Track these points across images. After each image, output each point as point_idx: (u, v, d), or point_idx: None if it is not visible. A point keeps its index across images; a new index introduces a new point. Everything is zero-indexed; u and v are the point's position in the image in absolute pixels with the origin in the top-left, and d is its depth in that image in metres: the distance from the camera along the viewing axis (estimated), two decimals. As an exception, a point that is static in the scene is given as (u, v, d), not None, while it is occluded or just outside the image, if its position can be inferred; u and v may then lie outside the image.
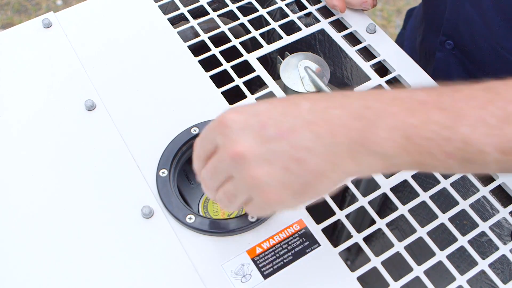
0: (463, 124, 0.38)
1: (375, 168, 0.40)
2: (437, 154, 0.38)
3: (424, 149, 0.38)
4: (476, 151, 0.38)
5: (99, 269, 0.52)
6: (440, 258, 0.53)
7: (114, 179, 0.57)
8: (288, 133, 0.39)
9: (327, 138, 0.39)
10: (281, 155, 0.39)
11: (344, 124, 0.39)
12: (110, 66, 0.67)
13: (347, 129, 0.39)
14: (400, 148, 0.38)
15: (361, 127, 0.39)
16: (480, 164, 0.39)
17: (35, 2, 1.95)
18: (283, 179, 0.40)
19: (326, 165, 0.39)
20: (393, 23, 1.90)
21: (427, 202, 0.56)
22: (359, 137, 0.39)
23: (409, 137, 0.38)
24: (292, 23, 0.73)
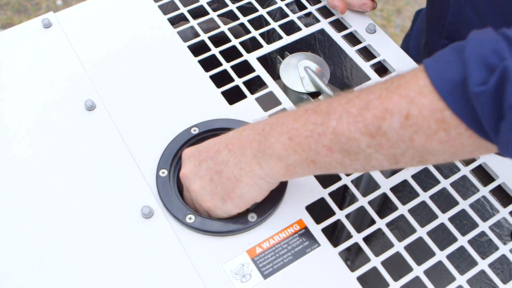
0: (331, 119, 0.44)
1: (277, 170, 0.48)
2: (319, 149, 0.45)
3: (306, 146, 0.46)
4: (347, 139, 0.43)
5: (99, 269, 0.52)
6: (440, 258, 0.53)
7: (114, 179, 0.57)
8: (213, 154, 0.52)
9: (237, 151, 0.50)
10: (208, 171, 0.52)
11: (249, 139, 0.50)
12: (110, 66, 0.67)
13: (250, 142, 0.50)
14: (288, 148, 0.47)
15: (260, 139, 0.49)
16: (361, 153, 0.43)
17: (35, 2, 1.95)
18: (210, 188, 0.52)
19: (238, 171, 0.50)
20: (393, 23, 1.89)
21: (427, 202, 0.56)
22: (259, 146, 0.49)
23: (292, 138, 0.46)
24: (292, 23, 0.73)
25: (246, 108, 0.63)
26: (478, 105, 0.36)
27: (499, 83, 0.35)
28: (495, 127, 0.36)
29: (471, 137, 0.38)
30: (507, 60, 0.35)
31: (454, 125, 0.38)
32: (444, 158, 0.41)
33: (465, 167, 0.59)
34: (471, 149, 0.40)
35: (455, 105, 0.37)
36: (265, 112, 0.62)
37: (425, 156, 0.41)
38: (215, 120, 0.61)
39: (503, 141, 0.36)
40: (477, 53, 0.36)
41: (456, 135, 0.39)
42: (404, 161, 0.42)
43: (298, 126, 0.47)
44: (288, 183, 0.56)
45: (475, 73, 0.36)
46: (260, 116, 0.62)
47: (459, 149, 0.40)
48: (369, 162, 0.44)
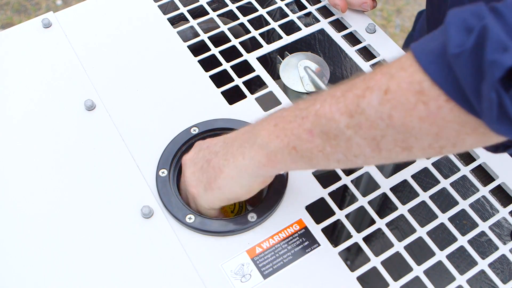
0: (316, 103, 0.43)
1: (258, 158, 0.47)
2: (300, 133, 0.44)
3: (289, 132, 0.45)
4: (327, 120, 0.42)
5: (99, 269, 0.52)
6: (440, 258, 0.53)
7: (114, 179, 0.57)
8: (212, 144, 0.53)
9: (229, 143, 0.51)
10: (202, 159, 0.53)
11: (243, 131, 0.50)
12: (109, 66, 0.67)
13: (243, 133, 0.50)
14: (271, 134, 0.46)
15: (251, 129, 0.49)
16: (340, 136, 0.42)
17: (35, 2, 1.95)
18: (198, 176, 0.52)
19: (223, 162, 0.50)
20: (393, 23, 1.89)
21: (427, 202, 0.56)
22: (247, 136, 0.49)
23: (277, 124, 0.46)
24: (291, 23, 0.73)
25: (246, 108, 0.63)
26: (458, 68, 0.34)
27: (477, 42, 0.33)
28: (477, 91, 0.34)
29: (453, 110, 0.36)
30: (486, 19, 0.33)
31: (434, 96, 0.36)
32: (429, 143, 0.38)
33: (465, 167, 0.59)
34: (456, 128, 0.37)
35: (435, 73, 0.35)
36: (265, 112, 0.62)
37: (408, 140, 0.39)
38: (215, 120, 0.61)
39: (486, 108, 0.33)
40: (457, 18, 0.35)
41: (436, 109, 0.36)
42: (387, 148, 0.40)
43: (285, 114, 0.46)
44: (288, 183, 0.56)
45: (454, 36, 0.34)
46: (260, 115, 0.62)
47: (442, 128, 0.37)
48: (351, 149, 0.42)
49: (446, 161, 0.61)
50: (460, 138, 0.37)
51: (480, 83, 0.33)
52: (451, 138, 0.38)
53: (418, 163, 0.59)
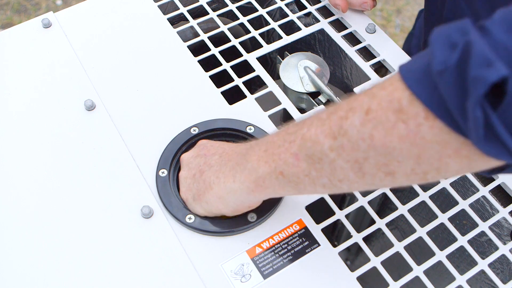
0: (304, 127, 0.43)
1: (247, 184, 0.48)
2: (287, 157, 0.44)
3: (277, 157, 0.45)
4: (312, 143, 0.42)
5: (99, 269, 0.52)
6: (440, 258, 0.53)
7: (113, 179, 0.57)
8: (209, 153, 0.54)
9: (224, 160, 0.51)
10: (196, 166, 0.54)
11: (238, 151, 0.51)
12: (109, 66, 0.67)
13: (238, 154, 0.50)
14: (260, 159, 0.47)
15: (245, 152, 0.49)
16: (324, 158, 0.41)
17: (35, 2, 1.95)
18: (189, 183, 0.54)
19: (214, 179, 0.51)
20: (393, 23, 1.89)
21: (427, 202, 0.56)
22: (241, 159, 0.49)
23: (267, 150, 0.46)
24: (291, 23, 0.73)
25: (246, 108, 0.63)
26: (442, 85, 0.33)
27: (461, 58, 0.32)
28: (462, 109, 0.32)
29: (433, 128, 0.34)
30: (470, 34, 0.32)
31: (413, 114, 0.35)
32: (411, 168, 0.37)
33: (465, 167, 0.59)
34: (437, 149, 0.35)
35: (419, 91, 0.34)
36: (265, 112, 0.62)
37: (390, 163, 0.38)
38: (215, 120, 0.61)
39: (472, 127, 0.32)
40: (442, 34, 0.34)
41: (415, 127, 0.35)
42: (370, 172, 0.39)
43: (275, 138, 0.46)
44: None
45: (438, 53, 0.33)
46: (261, 117, 0.62)
47: (422, 149, 0.35)
48: (335, 173, 0.41)
49: (446, 161, 0.60)
50: (443, 162, 0.36)
51: (465, 101, 0.32)
52: (434, 161, 0.36)
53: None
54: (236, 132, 0.60)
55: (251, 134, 0.60)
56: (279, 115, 0.70)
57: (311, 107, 0.65)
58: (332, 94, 0.65)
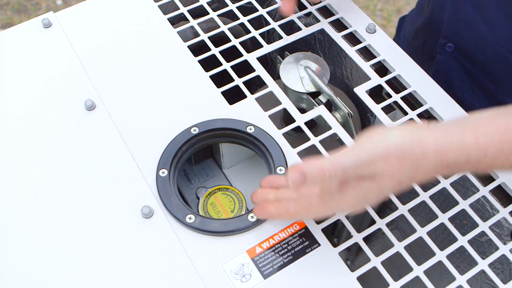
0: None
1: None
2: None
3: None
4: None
5: (99, 269, 0.52)
6: (440, 258, 0.52)
7: (114, 179, 0.57)
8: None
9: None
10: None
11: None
12: (110, 66, 0.67)
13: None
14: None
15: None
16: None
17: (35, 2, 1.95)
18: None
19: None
20: (393, 23, 1.89)
21: (427, 202, 0.56)
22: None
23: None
24: (292, 23, 0.73)
25: (246, 108, 0.63)
26: None
27: None
28: None
29: None
30: None
31: None
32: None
33: (465, 167, 0.59)
34: None
35: None
36: (265, 112, 0.62)
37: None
38: (215, 120, 0.61)
39: None
40: None
41: None
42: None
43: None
44: (288, 183, 0.56)
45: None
46: (261, 116, 0.62)
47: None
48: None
49: (446, 161, 0.60)
50: None
51: None
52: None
53: (418, 163, 0.59)
54: (236, 132, 0.60)
55: (251, 134, 0.60)
56: (279, 115, 0.70)
57: (311, 107, 0.65)
58: (332, 94, 0.65)
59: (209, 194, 0.64)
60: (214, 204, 0.63)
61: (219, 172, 0.70)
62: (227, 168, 0.70)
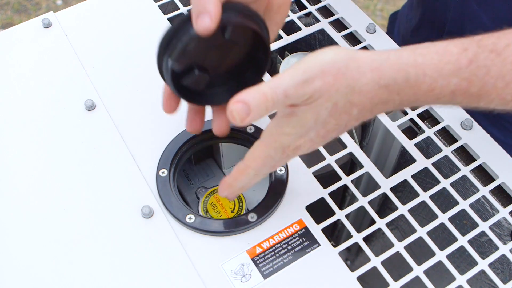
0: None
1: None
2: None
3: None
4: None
5: (99, 269, 0.52)
6: (440, 258, 0.53)
7: (114, 179, 0.57)
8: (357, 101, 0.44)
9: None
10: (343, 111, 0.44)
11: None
12: (110, 66, 0.67)
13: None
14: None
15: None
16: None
17: (35, 2, 1.95)
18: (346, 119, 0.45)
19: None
20: (393, 23, 1.89)
21: (427, 202, 0.56)
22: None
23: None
24: (292, 22, 0.73)
25: (246, 108, 0.63)
26: None
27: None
28: None
29: None
30: None
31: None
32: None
33: (465, 167, 0.59)
34: None
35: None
36: None
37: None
38: (215, 120, 0.61)
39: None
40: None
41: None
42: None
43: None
44: (288, 183, 0.56)
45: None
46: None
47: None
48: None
49: (446, 161, 0.61)
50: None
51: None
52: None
53: (418, 163, 0.59)
54: (236, 132, 0.60)
55: (251, 134, 0.60)
56: (279, 115, 0.70)
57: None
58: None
59: (209, 194, 0.64)
60: (214, 204, 0.63)
61: (219, 172, 0.70)
62: (227, 168, 0.70)
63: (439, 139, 0.61)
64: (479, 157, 0.59)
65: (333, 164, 0.59)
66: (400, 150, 0.68)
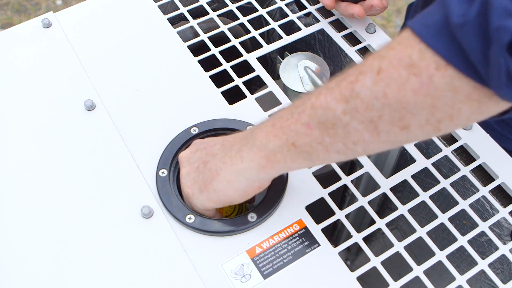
0: (311, 97, 0.44)
1: (257, 160, 0.48)
2: (298, 128, 0.45)
3: (287, 129, 0.45)
4: (323, 110, 0.43)
5: (99, 269, 0.52)
6: (440, 258, 0.53)
7: (113, 179, 0.57)
8: (209, 146, 0.53)
9: (228, 146, 0.51)
10: (198, 160, 0.53)
11: (242, 136, 0.51)
12: (109, 66, 0.67)
13: (241, 138, 0.50)
14: (269, 134, 0.47)
15: (249, 133, 0.50)
16: (338, 123, 0.42)
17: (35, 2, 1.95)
18: (194, 176, 0.53)
19: (220, 164, 0.50)
20: (393, 23, 1.89)
21: (427, 202, 0.56)
22: (246, 140, 0.49)
23: (275, 124, 0.47)
24: (291, 23, 0.73)
25: (246, 108, 0.63)
26: (463, 37, 0.34)
27: (481, 10, 0.33)
28: (484, 58, 0.34)
29: (444, 77, 0.36)
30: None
31: (424, 66, 0.36)
32: (426, 118, 0.39)
33: (465, 167, 0.59)
34: (449, 96, 0.37)
35: (436, 44, 0.36)
36: (265, 112, 0.62)
37: (405, 117, 0.39)
38: (215, 120, 0.61)
39: (494, 74, 0.34)
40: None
41: (427, 79, 0.36)
42: (385, 129, 0.40)
43: (282, 113, 0.47)
44: (288, 183, 0.56)
45: (455, 7, 0.34)
46: (261, 117, 0.62)
47: (436, 98, 0.37)
48: (349, 136, 0.42)
49: (446, 161, 0.61)
50: (455, 108, 0.37)
51: (487, 50, 0.34)
52: (447, 109, 0.38)
53: (418, 163, 0.59)
54: (236, 132, 0.60)
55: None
56: (279, 115, 0.70)
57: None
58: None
59: None
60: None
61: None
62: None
63: (439, 139, 0.61)
64: (479, 157, 0.59)
65: (333, 164, 0.59)
66: (400, 150, 0.68)
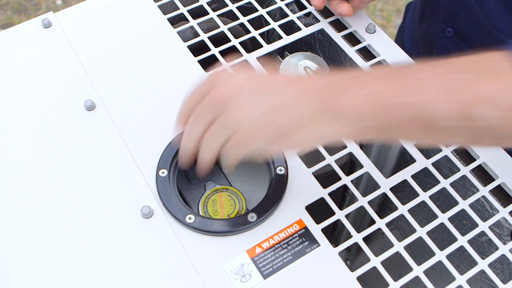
0: (422, 91, 0.41)
1: (340, 133, 0.43)
2: (399, 120, 0.41)
3: (387, 115, 0.41)
4: (435, 118, 0.40)
5: (98, 269, 0.52)
6: (440, 258, 0.53)
7: (113, 179, 0.57)
8: (271, 90, 0.45)
9: (317, 98, 0.44)
10: (258, 103, 0.45)
11: (321, 89, 0.44)
12: (109, 66, 0.67)
13: (321, 92, 0.44)
14: (364, 112, 0.42)
15: (331, 94, 0.43)
16: (446, 131, 0.41)
17: (35, 2, 1.95)
18: (262, 122, 0.45)
19: (298, 122, 0.44)
20: (393, 23, 1.90)
21: (427, 202, 0.56)
22: (328, 101, 0.43)
23: (372, 102, 0.42)
24: (291, 23, 0.73)
25: (246, 108, 0.63)
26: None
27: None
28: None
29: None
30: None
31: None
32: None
33: (465, 167, 0.59)
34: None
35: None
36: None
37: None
38: (215, 120, 0.61)
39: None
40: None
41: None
42: (485, 143, 0.42)
43: (383, 89, 0.42)
44: (288, 183, 0.56)
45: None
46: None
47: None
48: (447, 140, 0.43)
49: (446, 161, 0.61)
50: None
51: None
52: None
53: (418, 163, 0.59)
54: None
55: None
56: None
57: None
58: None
59: (216, 191, 0.64)
60: (215, 201, 0.63)
61: (219, 172, 0.70)
62: (227, 168, 0.70)
63: (439, 139, 0.61)
64: (479, 157, 0.59)
65: (333, 164, 0.59)
66: (400, 150, 0.68)
